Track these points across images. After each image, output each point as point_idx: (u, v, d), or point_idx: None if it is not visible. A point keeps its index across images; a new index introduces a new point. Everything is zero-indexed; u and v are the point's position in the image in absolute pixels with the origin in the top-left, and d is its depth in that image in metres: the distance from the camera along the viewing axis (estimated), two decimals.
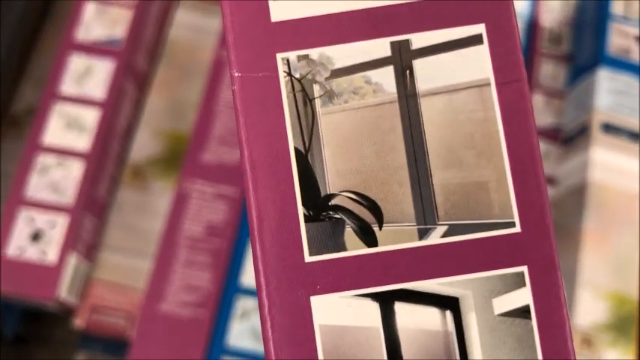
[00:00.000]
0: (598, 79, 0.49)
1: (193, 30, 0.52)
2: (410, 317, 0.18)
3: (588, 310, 0.44)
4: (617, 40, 0.50)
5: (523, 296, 0.18)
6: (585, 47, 0.52)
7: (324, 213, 0.18)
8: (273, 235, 0.18)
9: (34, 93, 0.51)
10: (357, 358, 0.18)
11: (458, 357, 0.18)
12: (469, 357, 0.18)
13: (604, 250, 0.45)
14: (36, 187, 0.44)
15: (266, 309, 0.18)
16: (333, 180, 0.19)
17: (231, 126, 0.48)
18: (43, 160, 0.45)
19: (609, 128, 0.48)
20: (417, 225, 0.19)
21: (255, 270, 0.19)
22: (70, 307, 0.45)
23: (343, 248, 0.18)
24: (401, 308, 0.18)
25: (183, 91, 0.50)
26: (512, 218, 0.19)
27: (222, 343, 0.44)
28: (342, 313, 0.18)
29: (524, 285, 0.18)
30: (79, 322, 0.45)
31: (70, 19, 0.48)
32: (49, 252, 0.43)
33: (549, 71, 0.53)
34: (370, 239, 0.18)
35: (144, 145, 0.49)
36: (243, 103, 0.19)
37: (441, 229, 0.19)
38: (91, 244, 0.46)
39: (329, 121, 0.19)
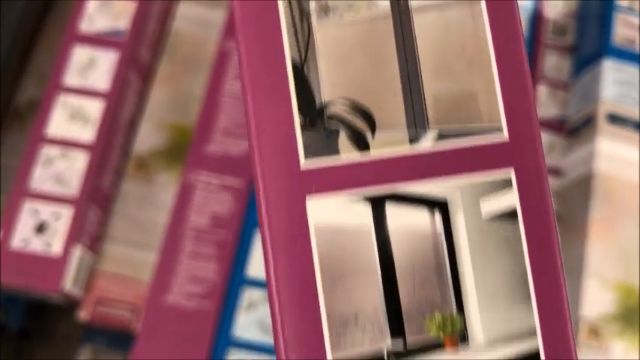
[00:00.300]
0: (603, 70, 0.49)
1: (196, 22, 0.52)
2: (400, 219, 0.18)
3: (595, 301, 0.44)
4: (622, 30, 0.50)
5: (510, 199, 0.18)
6: (590, 38, 0.52)
7: (320, 121, 0.19)
8: (270, 141, 0.19)
9: (37, 85, 0.51)
10: (349, 258, 0.18)
11: (446, 257, 0.19)
12: (457, 257, 0.19)
13: (610, 241, 0.45)
14: (40, 178, 0.44)
15: (263, 210, 0.19)
16: (328, 90, 0.20)
17: (235, 117, 0.48)
18: (47, 151, 0.44)
19: (614, 119, 0.48)
20: (409, 132, 0.19)
21: (253, 176, 0.19)
22: (74, 300, 0.44)
23: (337, 154, 0.19)
24: (392, 210, 0.18)
25: (187, 83, 0.50)
26: (500, 125, 0.19)
27: (228, 335, 0.43)
28: (335, 215, 0.18)
29: (510, 188, 0.18)
30: (83, 314, 0.45)
31: (73, 11, 0.47)
32: (54, 244, 0.43)
33: (553, 63, 0.53)
34: (363, 145, 0.19)
35: (147, 137, 0.49)
36: (242, 19, 0.19)
37: (431, 136, 0.19)
38: (95, 236, 0.46)
39: (324, 35, 0.20)
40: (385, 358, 0.18)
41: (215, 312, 0.44)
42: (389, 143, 0.19)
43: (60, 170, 0.44)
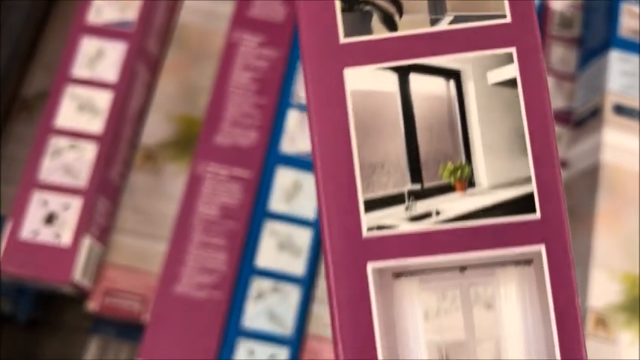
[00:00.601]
0: (609, 61, 0.49)
1: (204, 14, 0.52)
2: (421, 85, 0.23)
3: (602, 291, 0.44)
4: (629, 21, 0.50)
5: (511, 70, 0.23)
6: (596, 29, 0.52)
7: (357, 5, 0.23)
8: (316, 22, 0.23)
9: (45, 76, 0.51)
10: (378, 116, 0.23)
11: (458, 116, 0.23)
12: (467, 116, 0.23)
13: (617, 231, 0.45)
14: (49, 169, 0.44)
15: (309, 78, 0.23)
16: None
17: (244, 108, 0.48)
18: (56, 142, 0.44)
19: (621, 110, 0.48)
20: (430, 15, 0.23)
21: (301, 51, 0.23)
22: (83, 290, 0.44)
23: (370, 32, 0.23)
24: (414, 78, 0.23)
25: (195, 75, 0.50)
26: (504, 12, 0.23)
27: (237, 325, 0.43)
28: (368, 82, 0.23)
29: (512, 62, 0.23)
30: (92, 305, 0.45)
31: (81, 3, 0.47)
32: (63, 235, 0.43)
33: (560, 55, 0.53)
34: (392, 26, 0.23)
35: (155, 128, 0.49)
36: None
37: (448, 18, 0.23)
38: (104, 227, 0.46)
39: None
40: (406, 197, 0.23)
41: (224, 302, 0.44)
42: (413, 25, 0.23)
43: (69, 161, 0.44)
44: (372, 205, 0.22)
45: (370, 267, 0.22)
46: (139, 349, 0.43)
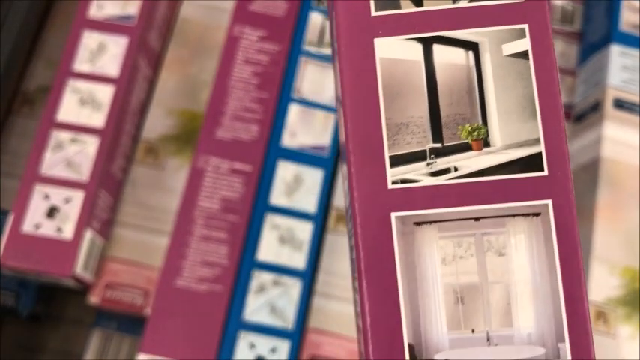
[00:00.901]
0: (610, 56, 0.49)
1: (205, 8, 0.52)
2: (443, 55, 0.26)
3: (602, 285, 0.44)
4: (629, 16, 0.50)
5: (524, 44, 0.25)
6: (597, 24, 0.52)
7: None
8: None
9: (47, 71, 0.51)
10: (404, 82, 0.25)
11: (476, 83, 0.26)
12: (484, 83, 0.26)
13: (617, 225, 0.46)
14: (50, 163, 0.44)
15: (343, 44, 0.25)
16: None
17: (245, 102, 0.48)
18: (57, 136, 0.44)
19: (621, 104, 0.48)
20: None
21: (336, 23, 0.26)
22: (85, 284, 0.45)
23: (399, 7, 0.26)
24: (437, 48, 0.26)
25: (196, 69, 0.50)
26: None
27: (238, 318, 0.44)
28: (396, 51, 0.25)
29: (525, 37, 0.25)
30: (94, 299, 0.45)
31: None
32: (65, 228, 0.43)
33: (560, 49, 0.54)
34: (418, 2, 0.26)
35: (156, 123, 0.49)
36: None
37: None
38: (105, 220, 0.46)
39: None
40: (427, 154, 0.25)
41: (225, 295, 0.44)
42: (437, 3, 0.26)
43: (70, 155, 0.44)
44: (396, 161, 0.25)
45: (393, 216, 0.24)
46: (141, 343, 0.43)
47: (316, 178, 0.47)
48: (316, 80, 0.49)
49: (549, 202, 0.24)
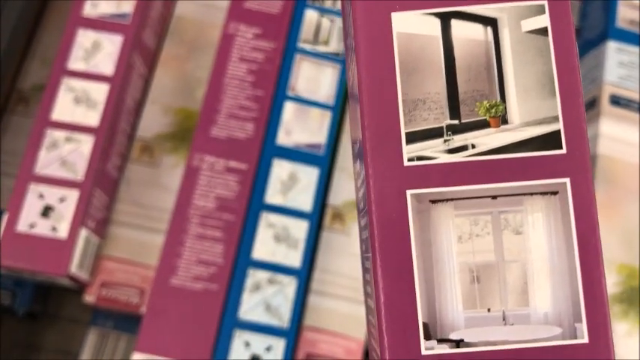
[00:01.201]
0: (607, 52, 0.49)
1: (200, 6, 0.51)
2: (461, 30, 0.25)
3: None
4: (626, 12, 0.50)
5: (543, 20, 0.25)
6: (594, 20, 0.52)
7: None
8: None
9: (42, 69, 0.51)
10: (422, 57, 0.25)
11: (494, 59, 0.25)
12: (502, 60, 0.25)
13: (613, 222, 0.45)
14: (45, 162, 0.44)
15: (359, 20, 0.25)
16: None
17: (240, 100, 0.48)
18: (52, 135, 0.44)
19: (618, 101, 0.48)
20: None
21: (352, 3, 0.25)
22: (81, 283, 0.44)
23: None
24: (455, 23, 0.25)
25: (191, 67, 0.50)
26: None
27: (234, 317, 0.44)
28: (413, 25, 0.25)
29: (544, 13, 0.25)
30: (89, 298, 0.45)
31: None
32: (60, 227, 0.43)
33: None
34: None
35: (152, 121, 0.49)
36: None
37: None
38: (101, 219, 0.46)
39: None
40: (444, 131, 0.25)
41: (221, 294, 0.44)
42: None
43: (65, 154, 0.44)
44: (413, 137, 0.25)
45: (409, 193, 0.24)
46: (136, 342, 0.43)
47: (312, 176, 0.47)
48: (312, 78, 0.49)
49: (567, 180, 0.24)
